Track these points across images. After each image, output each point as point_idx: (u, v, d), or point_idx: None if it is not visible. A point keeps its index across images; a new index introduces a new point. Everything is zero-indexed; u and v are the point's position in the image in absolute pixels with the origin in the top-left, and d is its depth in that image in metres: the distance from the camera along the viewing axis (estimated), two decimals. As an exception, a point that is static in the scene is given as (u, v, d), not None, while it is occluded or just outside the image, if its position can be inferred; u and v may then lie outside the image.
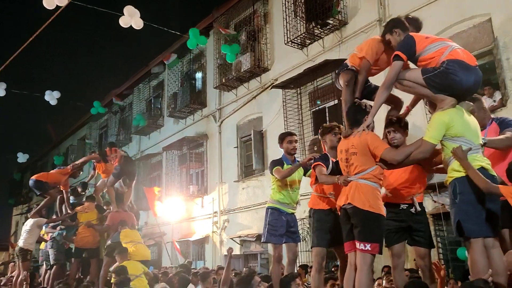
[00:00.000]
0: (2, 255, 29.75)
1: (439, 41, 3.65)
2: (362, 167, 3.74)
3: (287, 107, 11.02)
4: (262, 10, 12.79)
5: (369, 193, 3.70)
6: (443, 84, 3.46)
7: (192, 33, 11.69)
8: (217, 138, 13.88)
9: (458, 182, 3.31)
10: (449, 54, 3.50)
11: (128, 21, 9.50)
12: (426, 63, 3.60)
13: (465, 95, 3.58)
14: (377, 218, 3.70)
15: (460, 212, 3.27)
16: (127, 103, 19.80)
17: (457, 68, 3.41)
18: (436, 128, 3.43)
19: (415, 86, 3.63)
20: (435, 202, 7.89)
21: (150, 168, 17.82)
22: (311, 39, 10.96)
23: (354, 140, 3.84)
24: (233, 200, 12.93)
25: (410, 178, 4.05)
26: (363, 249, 3.65)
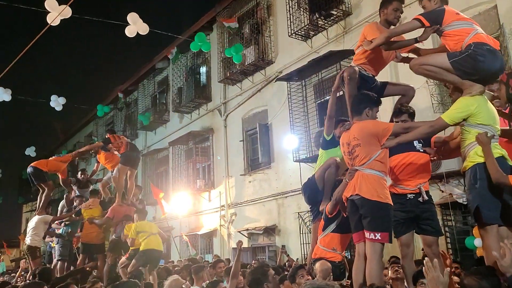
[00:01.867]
0: (13, 252, 30.11)
1: (467, 21, 3.65)
2: (367, 157, 3.72)
3: (292, 100, 10.99)
4: (265, 3, 12.72)
5: (376, 182, 3.70)
6: (471, 67, 3.45)
7: (198, 38, 11.68)
8: (223, 132, 13.89)
9: (479, 168, 3.31)
10: (474, 36, 3.50)
11: (134, 29, 9.51)
12: (450, 38, 3.63)
13: (490, 79, 3.59)
14: (386, 207, 3.70)
15: (479, 198, 3.28)
16: (133, 99, 19.84)
17: (484, 52, 3.41)
18: (458, 110, 3.43)
19: (441, 72, 3.63)
20: (443, 192, 7.85)
21: (156, 163, 17.89)
22: (315, 30, 10.90)
23: (355, 131, 3.83)
24: (240, 193, 12.96)
25: (415, 166, 4.03)
26: (373, 239, 3.64)
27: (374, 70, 4.37)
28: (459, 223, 8.00)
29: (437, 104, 7.97)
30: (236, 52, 11.82)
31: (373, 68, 4.34)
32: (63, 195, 10.82)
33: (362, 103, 3.92)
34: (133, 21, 9.58)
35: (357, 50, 4.41)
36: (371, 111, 3.89)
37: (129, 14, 9.54)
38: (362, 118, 3.88)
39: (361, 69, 4.23)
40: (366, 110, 3.88)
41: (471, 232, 7.10)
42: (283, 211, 11.49)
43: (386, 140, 3.72)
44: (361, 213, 3.76)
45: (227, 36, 13.64)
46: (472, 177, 3.34)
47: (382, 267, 3.84)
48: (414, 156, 4.00)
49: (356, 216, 3.84)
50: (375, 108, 3.93)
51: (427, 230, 3.97)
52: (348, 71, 4.19)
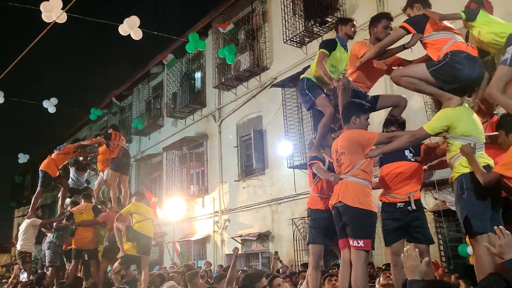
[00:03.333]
0: (4, 257, 29.82)
1: (447, 30, 3.70)
2: (351, 165, 3.79)
3: (286, 106, 11.00)
4: (261, 9, 12.77)
5: (359, 190, 3.74)
6: (449, 75, 3.50)
7: (191, 37, 11.69)
8: (217, 137, 13.88)
9: (465, 178, 3.33)
10: (452, 45, 3.56)
11: (127, 30, 9.50)
12: (430, 47, 3.72)
13: (470, 87, 3.62)
14: (368, 214, 3.74)
15: (468, 208, 3.30)
16: (127, 103, 19.79)
17: (462, 59, 3.46)
18: (438, 120, 3.47)
19: (420, 83, 3.69)
20: (436, 199, 7.88)
21: (150, 169, 17.82)
22: (310, 37, 10.94)
23: (341, 140, 3.92)
24: (233, 199, 12.93)
25: (406, 175, 4.04)
26: (357, 246, 3.70)
27: (365, 87, 4.48)
28: (452, 231, 8.02)
29: (431, 112, 7.99)
30: (229, 52, 11.83)
31: (364, 85, 4.45)
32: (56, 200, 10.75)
33: (349, 112, 3.98)
34: (129, 26, 9.56)
35: (348, 70, 4.52)
36: (358, 118, 3.92)
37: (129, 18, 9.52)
38: (350, 127, 3.94)
39: (353, 87, 4.32)
40: (353, 118, 3.93)
41: (464, 239, 7.11)
42: (277, 217, 11.47)
43: (370, 150, 3.76)
44: (343, 220, 3.81)
45: (222, 41, 13.65)
46: (459, 187, 3.36)
47: (367, 274, 3.88)
48: (405, 165, 4.03)
49: (340, 223, 3.91)
50: (363, 116, 3.96)
51: (417, 238, 3.99)
52: (343, 81, 4.25)
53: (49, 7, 8.08)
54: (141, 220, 7.21)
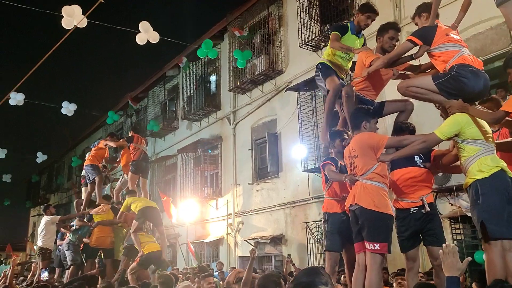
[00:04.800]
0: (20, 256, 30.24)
1: (454, 42, 3.75)
2: (364, 168, 3.82)
3: (301, 110, 11.03)
4: (277, 13, 12.83)
5: (375, 192, 3.77)
6: (454, 88, 3.57)
7: (205, 44, 11.81)
8: (232, 140, 13.94)
9: (480, 184, 3.35)
10: (459, 58, 3.62)
11: (144, 37, 9.70)
12: (437, 59, 3.77)
13: (475, 99, 3.68)
14: (384, 217, 3.76)
15: (483, 213, 3.31)
16: (142, 106, 19.99)
17: (467, 73, 3.53)
18: (449, 125, 3.50)
19: (427, 92, 3.76)
20: (452, 205, 7.83)
21: (165, 171, 17.97)
22: (325, 41, 10.94)
23: (353, 144, 3.98)
24: (247, 202, 12.98)
25: (416, 179, 4.08)
26: (372, 249, 3.72)
27: (373, 94, 4.57)
28: (468, 237, 7.95)
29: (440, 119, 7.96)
30: (243, 58, 11.88)
31: (371, 93, 4.53)
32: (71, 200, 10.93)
33: (359, 118, 4.04)
34: (144, 29, 9.74)
35: (355, 78, 4.58)
36: (368, 123, 3.99)
37: (141, 22, 9.70)
38: (361, 131, 4.00)
39: (359, 95, 4.42)
40: (363, 123, 3.99)
41: (480, 246, 7.04)
42: (290, 220, 11.48)
43: (381, 154, 3.80)
44: (359, 223, 3.82)
45: (238, 45, 13.74)
46: (474, 193, 3.38)
47: (381, 278, 3.90)
48: (415, 171, 4.09)
49: (357, 226, 3.92)
50: (372, 120, 4.04)
51: (432, 242, 4.00)
52: (346, 89, 4.40)
53: (70, 11, 8.25)
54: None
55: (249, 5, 13.28)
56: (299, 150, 10.75)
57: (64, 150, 29.32)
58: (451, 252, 2.48)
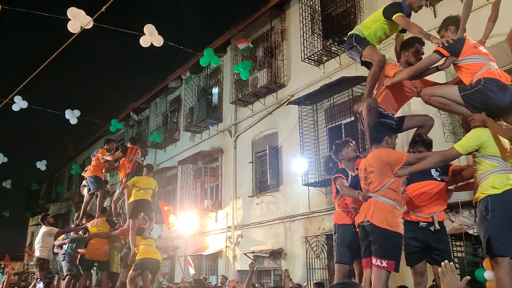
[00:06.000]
0: (17, 266, 30.06)
1: (482, 55, 3.72)
2: (380, 184, 3.79)
3: (303, 123, 11.03)
4: (280, 27, 12.92)
5: (387, 211, 3.74)
6: (480, 102, 3.54)
7: (207, 52, 11.85)
8: (232, 153, 13.93)
9: (491, 199, 3.33)
10: (486, 71, 3.58)
11: (149, 40, 9.69)
12: (464, 71, 3.73)
13: (501, 113, 3.64)
14: (395, 236, 3.74)
15: (490, 229, 3.29)
16: (144, 117, 20.03)
17: (494, 87, 3.49)
18: (470, 140, 3.49)
19: (451, 104, 3.73)
20: (453, 222, 7.77)
21: (165, 182, 17.92)
22: (327, 56, 11.02)
23: (370, 158, 3.94)
24: (247, 215, 12.91)
25: (430, 195, 4.04)
26: (379, 266, 3.68)
27: (393, 109, 4.46)
28: (469, 255, 7.88)
29: (449, 133, 7.96)
30: (244, 68, 11.91)
31: (392, 107, 4.43)
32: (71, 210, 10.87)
33: (382, 132, 4.00)
34: (149, 32, 9.76)
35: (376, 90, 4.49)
36: (391, 139, 3.97)
37: (146, 25, 9.73)
38: (382, 146, 3.96)
39: (380, 109, 4.31)
40: (386, 138, 3.96)
41: (481, 264, 6.98)
42: (290, 235, 11.41)
43: (399, 169, 3.77)
44: (370, 239, 3.79)
45: (240, 58, 13.82)
46: (484, 208, 3.35)
47: None
48: (430, 185, 4.04)
49: (366, 242, 3.87)
50: (394, 136, 4.01)
51: (439, 260, 3.95)
52: (368, 101, 4.28)
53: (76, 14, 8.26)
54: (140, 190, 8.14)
55: (252, 19, 13.37)
56: (299, 164, 10.73)
57: (65, 159, 29.32)
58: (450, 270, 2.45)
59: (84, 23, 8.13)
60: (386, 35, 4.51)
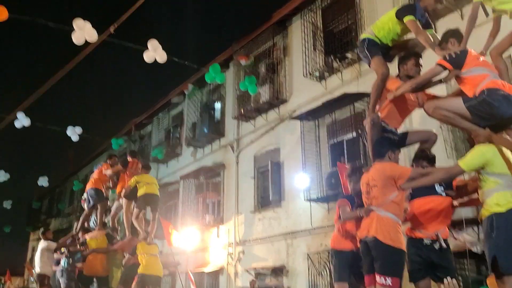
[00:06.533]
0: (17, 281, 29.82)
1: (484, 66, 3.72)
2: (383, 199, 3.77)
3: (305, 139, 11.03)
4: (282, 43, 13.01)
5: (390, 226, 3.71)
6: (486, 112, 3.51)
7: (212, 69, 11.91)
8: (234, 168, 13.91)
9: (496, 217, 3.29)
10: (489, 82, 3.56)
11: (152, 55, 9.75)
12: (466, 83, 3.71)
13: (507, 125, 3.61)
14: (398, 252, 3.71)
15: (496, 248, 3.25)
16: (147, 132, 20.08)
17: (499, 97, 3.47)
18: (474, 157, 3.47)
19: (455, 117, 3.69)
20: (456, 240, 7.70)
21: (167, 197, 17.84)
22: (329, 72, 11.07)
23: (373, 172, 3.92)
24: (249, 231, 12.83)
25: (435, 212, 4.00)
26: (384, 284, 3.64)
27: (396, 123, 4.45)
28: (473, 272, 7.79)
29: (451, 149, 7.95)
30: (250, 83, 11.93)
31: (395, 121, 4.42)
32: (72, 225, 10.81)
33: (384, 146, 4.02)
34: (153, 47, 9.82)
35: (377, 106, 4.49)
36: (393, 153, 3.99)
37: (150, 40, 9.80)
38: (384, 160, 3.96)
39: (383, 123, 4.31)
40: (389, 153, 3.97)
41: (484, 282, 6.89)
42: (292, 251, 11.31)
43: (403, 183, 3.75)
44: (373, 255, 3.75)
45: (243, 74, 13.90)
46: (489, 226, 3.31)
47: None
48: (435, 201, 4.00)
49: (368, 258, 3.84)
50: (397, 151, 4.02)
51: (443, 279, 3.90)
52: (372, 116, 4.29)
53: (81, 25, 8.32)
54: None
55: (255, 35, 13.49)
56: (302, 180, 10.70)
57: (66, 175, 29.32)
58: None
59: (89, 35, 8.18)
60: (399, 35, 4.49)
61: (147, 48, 9.76)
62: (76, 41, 8.35)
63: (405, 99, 4.29)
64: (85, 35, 8.21)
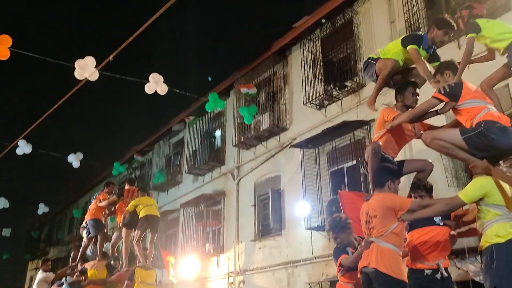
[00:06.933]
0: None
1: (480, 98, 3.76)
2: (383, 229, 3.76)
3: (305, 167, 11.03)
4: (282, 72, 13.17)
5: (391, 257, 3.68)
6: (483, 144, 3.55)
7: (211, 97, 12.04)
8: (235, 196, 13.86)
9: (496, 248, 3.29)
10: (485, 114, 3.61)
11: (153, 87, 9.92)
12: (463, 114, 3.75)
13: (503, 157, 3.64)
14: (400, 283, 3.68)
15: (496, 278, 3.23)
16: (147, 159, 20.10)
17: (495, 129, 3.52)
18: (474, 189, 3.48)
19: (453, 148, 3.73)
20: (459, 269, 7.60)
21: (166, 225, 17.72)
22: (329, 100, 11.16)
23: (373, 203, 3.91)
24: (249, 260, 12.68)
25: (434, 242, 3.99)
26: None
27: (394, 152, 4.49)
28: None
29: (451, 178, 7.93)
30: (249, 113, 12.01)
31: (392, 150, 4.46)
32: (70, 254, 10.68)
33: (384, 176, 4.02)
34: (155, 80, 9.97)
35: (375, 134, 4.54)
36: (393, 183, 3.98)
37: (152, 74, 9.97)
38: (384, 190, 3.95)
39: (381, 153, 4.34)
40: (388, 183, 3.97)
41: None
42: (293, 280, 11.14)
43: (403, 214, 3.75)
44: (374, 286, 3.71)
45: (243, 102, 14.01)
46: (489, 257, 3.30)
47: None
48: (433, 231, 4.00)
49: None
50: (397, 181, 4.02)
51: None
52: (373, 145, 4.33)
53: (83, 64, 8.50)
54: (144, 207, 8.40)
55: (255, 64, 13.67)
56: (302, 208, 10.64)
57: (66, 202, 29.19)
58: None
59: (90, 73, 8.33)
60: (404, 62, 4.55)
61: (148, 80, 9.91)
62: (78, 77, 8.50)
63: (402, 129, 4.35)
64: (86, 74, 8.38)
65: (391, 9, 10.21)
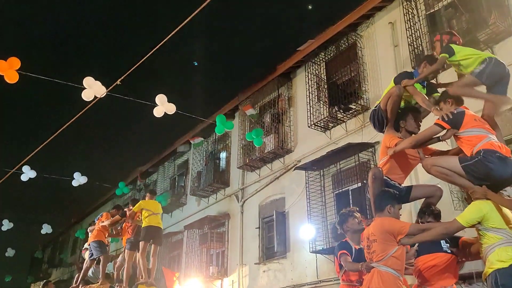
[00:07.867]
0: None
1: (481, 128, 3.81)
2: (383, 253, 3.76)
3: (310, 189, 10.99)
4: (287, 94, 13.26)
5: (391, 282, 3.68)
6: (481, 173, 3.58)
7: (219, 120, 12.09)
8: (239, 218, 13.79)
9: (499, 274, 3.28)
10: (486, 143, 3.65)
11: (162, 110, 10.06)
12: (464, 142, 3.81)
13: (502, 185, 3.69)
14: None
15: None
16: (152, 180, 20.10)
17: (494, 159, 3.55)
18: (472, 212, 3.49)
19: (452, 174, 3.76)
20: (467, 294, 7.48)
21: (170, 247, 17.61)
22: (333, 122, 11.20)
23: (373, 228, 3.94)
24: (253, 283, 12.53)
25: (440, 268, 3.96)
26: None
27: (400, 178, 4.46)
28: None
29: (458, 201, 7.88)
30: (257, 135, 12.07)
31: (398, 176, 4.44)
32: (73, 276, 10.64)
33: (384, 200, 4.01)
34: (161, 102, 10.08)
35: (380, 161, 4.55)
36: (393, 208, 3.96)
37: (158, 95, 10.10)
38: (384, 215, 3.94)
39: (386, 178, 4.32)
40: (388, 207, 3.95)
41: None
42: (297, 305, 10.99)
43: (403, 238, 3.74)
44: None
45: (248, 124, 14.07)
46: (494, 283, 3.30)
47: None
48: (440, 257, 3.98)
49: None
50: (397, 206, 4.00)
51: None
52: (374, 171, 4.34)
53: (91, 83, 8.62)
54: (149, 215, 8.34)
55: (260, 86, 13.78)
56: (307, 230, 10.56)
57: (69, 223, 29.10)
58: None
59: (98, 93, 8.44)
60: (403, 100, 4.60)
61: (154, 103, 10.03)
62: (85, 98, 8.61)
63: (406, 155, 4.36)
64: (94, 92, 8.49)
65: (394, 33, 10.33)
